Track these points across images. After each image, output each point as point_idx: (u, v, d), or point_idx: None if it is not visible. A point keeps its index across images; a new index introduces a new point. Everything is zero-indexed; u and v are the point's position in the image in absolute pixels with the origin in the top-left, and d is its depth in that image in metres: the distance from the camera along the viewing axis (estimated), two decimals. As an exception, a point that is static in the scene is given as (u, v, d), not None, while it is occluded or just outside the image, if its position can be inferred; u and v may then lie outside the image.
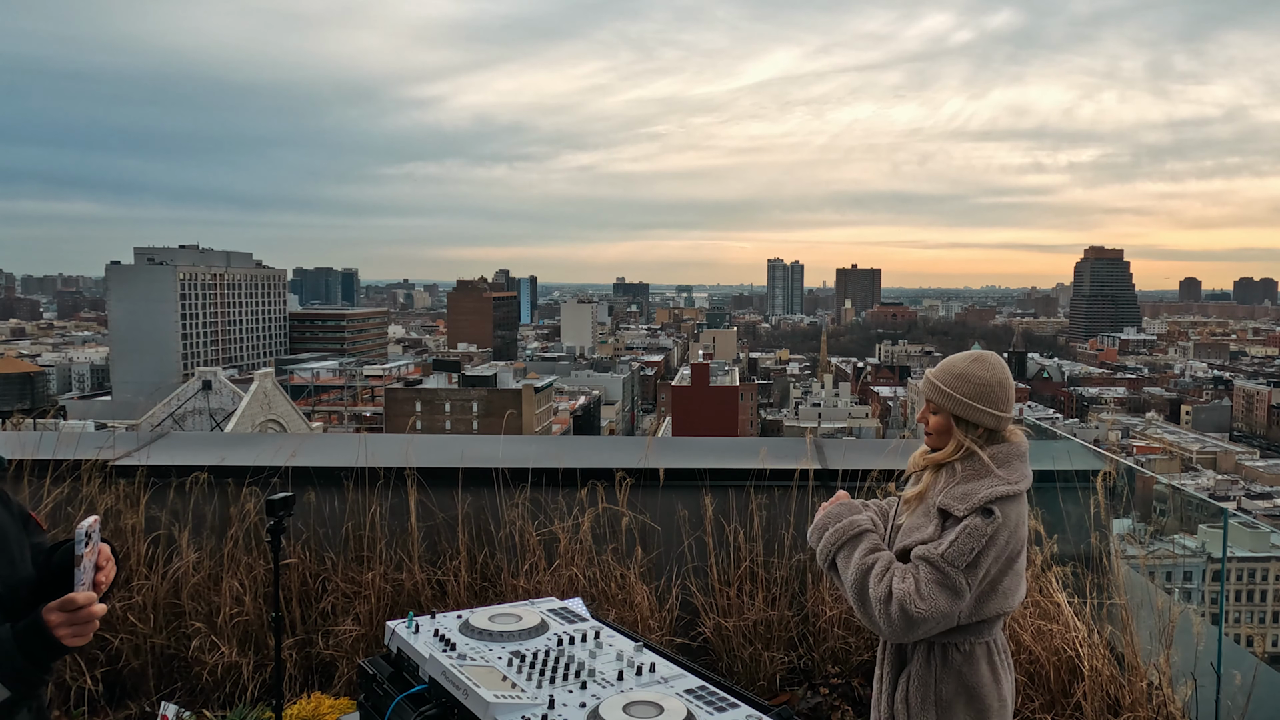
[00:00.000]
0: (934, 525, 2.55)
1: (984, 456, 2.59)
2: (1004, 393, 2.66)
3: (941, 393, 2.67)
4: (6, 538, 2.18)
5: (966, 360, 2.71)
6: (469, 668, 2.55)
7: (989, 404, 2.63)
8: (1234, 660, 4.04)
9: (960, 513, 2.50)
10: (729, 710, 2.40)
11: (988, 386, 2.64)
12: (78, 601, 2.00)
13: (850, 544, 2.63)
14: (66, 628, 2.00)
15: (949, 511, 2.53)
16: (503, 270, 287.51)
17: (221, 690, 4.81)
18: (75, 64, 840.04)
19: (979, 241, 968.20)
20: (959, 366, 2.69)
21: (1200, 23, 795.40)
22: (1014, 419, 2.70)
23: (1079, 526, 4.79)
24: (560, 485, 5.10)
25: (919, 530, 2.58)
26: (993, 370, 2.67)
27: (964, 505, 2.51)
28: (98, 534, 2.10)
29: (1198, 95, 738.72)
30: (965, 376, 2.66)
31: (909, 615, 2.45)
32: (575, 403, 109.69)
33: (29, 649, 1.98)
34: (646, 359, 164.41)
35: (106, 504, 4.98)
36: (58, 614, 2.00)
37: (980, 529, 2.48)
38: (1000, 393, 2.65)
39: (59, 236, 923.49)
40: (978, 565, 2.47)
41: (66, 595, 2.01)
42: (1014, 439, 2.67)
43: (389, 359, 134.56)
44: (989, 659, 2.63)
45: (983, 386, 2.64)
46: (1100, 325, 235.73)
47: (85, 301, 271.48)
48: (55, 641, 1.99)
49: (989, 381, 2.64)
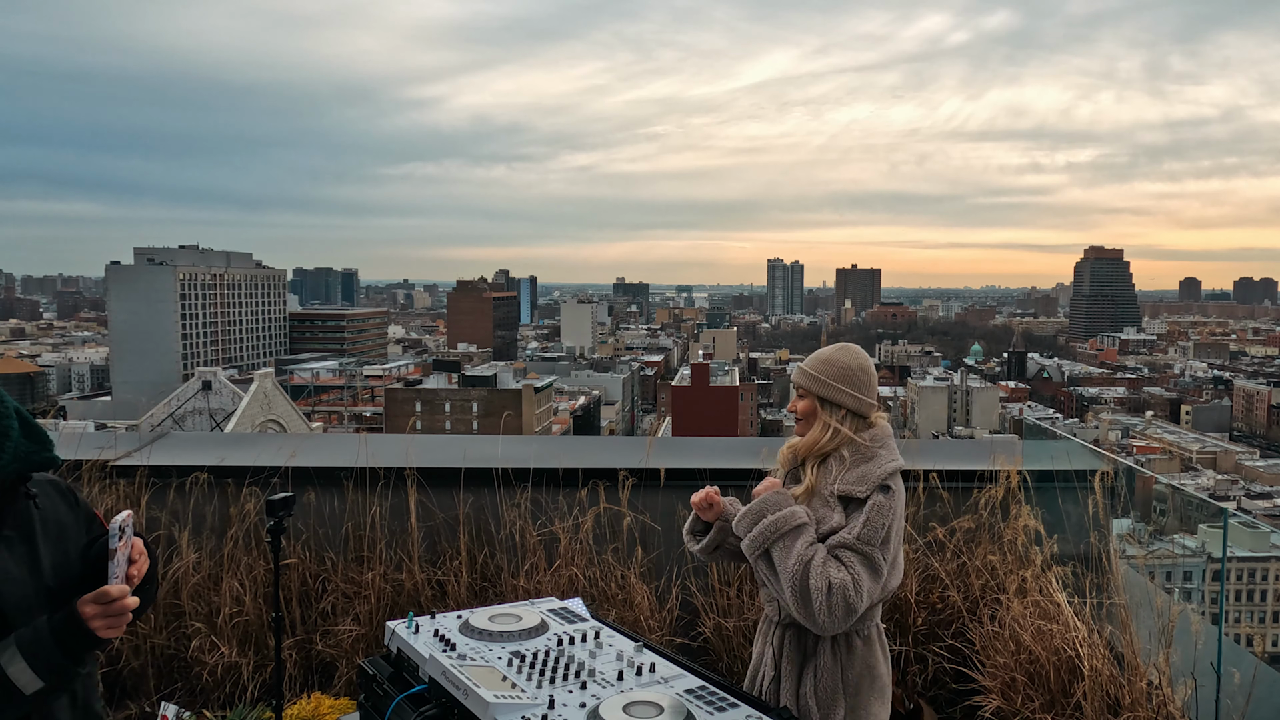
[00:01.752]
0: (838, 512, 2.67)
1: (863, 440, 2.76)
2: (865, 378, 2.83)
3: (807, 376, 2.85)
4: (65, 535, 2.23)
5: (832, 349, 2.90)
6: (469, 668, 2.55)
7: (850, 385, 2.80)
8: (1234, 660, 4.03)
9: (863, 494, 2.65)
10: (729, 710, 2.40)
11: (849, 370, 2.82)
12: (111, 594, 2.05)
13: (790, 535, 2.63)
14: (101, 619, 2.04)
15: (851, 496, 2.66)
16: (503, 270, 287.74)
17: (221, 690, 4.81)
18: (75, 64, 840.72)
19: (978, 241, 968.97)
20: (825, 354, 2.88)
21: (1196, 23, 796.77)
22: (876, 405, 2.87)
23: (1079, 526, 4.80)
24: (561, 485, 5.10)
25: (824, 521, 2.68)
26: (855, 357, 2.86)
27: (864, 487, 2.66)
28: (131, 528, 2.15)
29: (1194, 96, 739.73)
30: (829, 361, 2.84)
31: (850, 604, 2.55)
32: (575, 403, 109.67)
33: (64, 641, 2.02)
34: (646, 359, 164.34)
35: (107, 504, 4.98)
36: (92, 606, 2.04)
37: (885, 505, 2.64)
38: (861, 377, 2.82)
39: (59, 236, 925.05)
40: (889, 541, 2.64)
41: (100, 588, 2.06)
42: (880, 424, 2.84)
43: (389, 359, 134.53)
44: (879, 639, 2.81)
45: (845, 370, 2.82)
46: (1100, 325, 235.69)
47: (85, 301, 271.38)
48: (90, 633, 2.04)
49: (850, 366, 2.83)
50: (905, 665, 4.84)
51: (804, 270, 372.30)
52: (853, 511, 2.65)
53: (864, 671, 2.73)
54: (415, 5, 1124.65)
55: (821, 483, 2.74)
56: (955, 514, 5.05)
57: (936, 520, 5.06)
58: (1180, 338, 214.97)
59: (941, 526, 5.02)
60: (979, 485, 5.07)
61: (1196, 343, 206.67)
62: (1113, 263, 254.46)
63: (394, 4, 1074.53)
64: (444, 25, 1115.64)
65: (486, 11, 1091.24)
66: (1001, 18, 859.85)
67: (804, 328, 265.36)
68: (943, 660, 4.74)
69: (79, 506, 2.33)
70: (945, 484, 5.06)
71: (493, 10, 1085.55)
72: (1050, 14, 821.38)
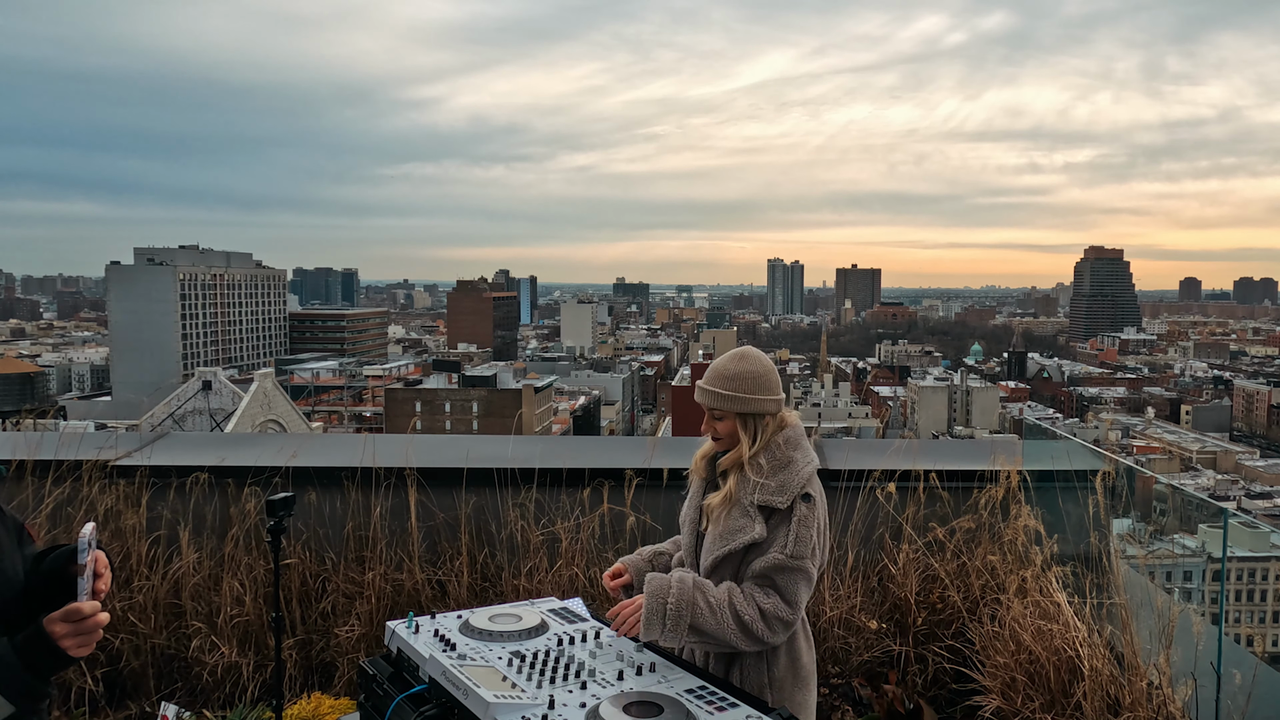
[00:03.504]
0: (759, 523, 2.66)
1: (778, 443, 2.73)
2: (774, 379, 2.80)
3: (723, 398, 2.75)
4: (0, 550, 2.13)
5: (733, 360, 2.81)
6: (469, 668, 2.55)
7: (767, 391, 2.76)
8: (1234, 660, 4.03)
9: (784, 505, 2.64)
10: (729, 710, 2.40)
11: (761, 377, 2.77)
12: (83, 611, 1.95)
13: (697, 597, 2.64)
14: (72, 638, 1.94)
15: (772, 507, 2.65)
16: (503, 270, 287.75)
17: (221, 690, 4.81)
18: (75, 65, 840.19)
19: (978, 241, 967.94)
20: (730, 369, 2.78)
21: (1191, 24, 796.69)
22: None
23: (1079, 526, 4.79)
24: (563, 485, 5.10)
25: (744, 532, 2.67)
26: (760, 362, 2.81)
27: (785, 497, 2.65)
28: (94, 541, 2.06)
29: (1191, 96, 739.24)
30: (740, 375, 2.76)
31: (785, 621, 2.63)
32: (575, 403, 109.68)
33: (32, 661, 1.93)
34: (646, 359, 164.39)
35: (107, 504, 4.98)
36: (62, 624, 1.94)
37: (808, 515, 2.65)
38: (773, 379, 2.79)
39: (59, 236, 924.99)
40: (818, 549, 2.68)
41: (71, 605, 1.95)
42: (791, 421, 2.81)
43: (389, 359, 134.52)
44: (803, 630, 2.84)
45: (755, 378, 2.76)
46: (1100, 325, 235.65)
47: (85, 301, 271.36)
48: (60, 652, 1.94)
49: (760, 373, 2.77)
50: (905, 665, 4.84)
51: (804, 270, 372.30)
52: (774, 522, 2.66)
53: (789, 664, 2.77)
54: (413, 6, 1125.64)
55: (741, 491, 2.71)
56: (955, 514, 5.05)
57: (936, 520, 5.06)
58: (1180, 338, 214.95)
59: (941, 526, 5.02)
60: (979, 485, 5.07)
61: (1196, 343, 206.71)
62: (1113, 263, 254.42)
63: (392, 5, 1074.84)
64: (442, 26, 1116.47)
65: (485, 12, 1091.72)
66: (998, 19, 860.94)
67: (804, 328, 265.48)
68: (943, 660, 4.74)
69: (5, 517, 2.22)
70: (945, 484, 5.07)
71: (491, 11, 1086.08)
72: (1047, 15, 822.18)
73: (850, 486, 5.06)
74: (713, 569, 2.78)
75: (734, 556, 2.72)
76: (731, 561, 2.74)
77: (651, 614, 2.63)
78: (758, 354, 2.85)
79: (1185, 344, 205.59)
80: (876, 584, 5.03)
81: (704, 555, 2.81)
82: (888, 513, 5.07)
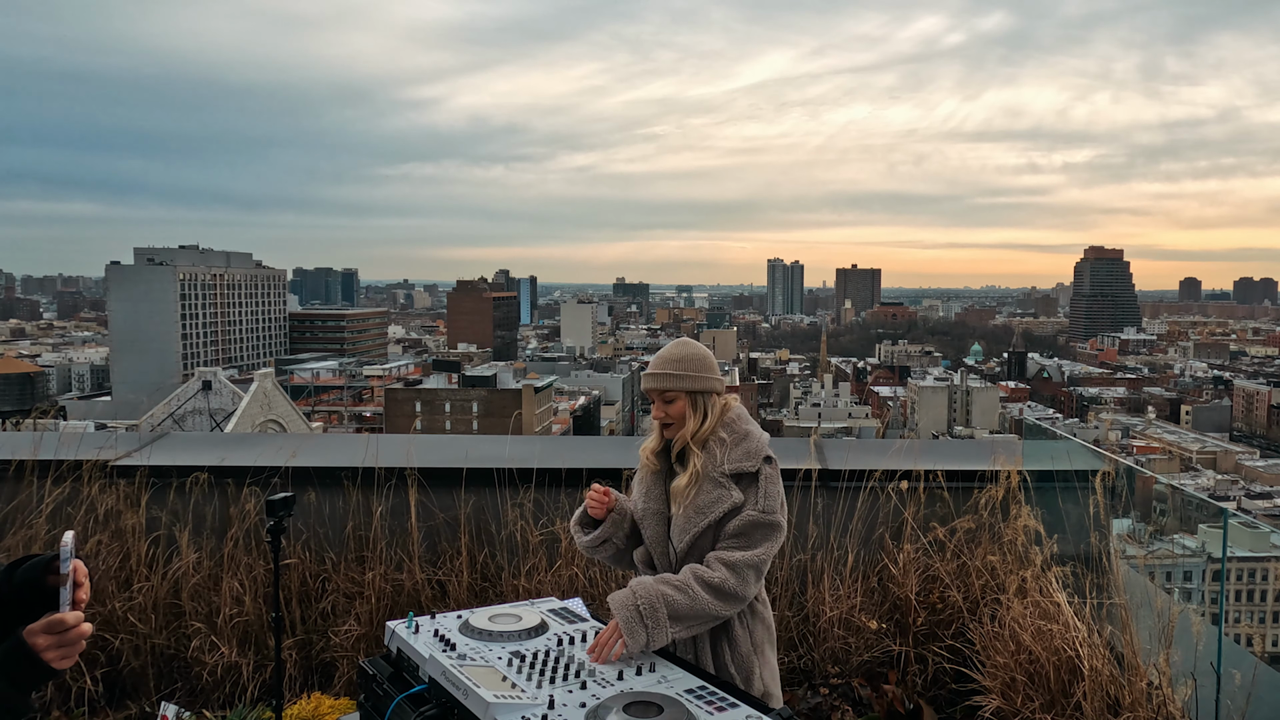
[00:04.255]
0: (735, 490, 2.84)
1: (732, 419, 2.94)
2: (714, 362, 3.01)
3: (674, 378, 2.94)
4: None
5: (676, 347, 3.01)
6: (469, 668, 2.55)
7: (712, 371, 2.97)
8: (1234, 660, 4.03)
9: (754, 468, 2.84)
10: (729, 710, 2.40)
11: (704, 359, 2.98)
12: (67, 622, 1.87)
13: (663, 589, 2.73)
14: (55, 650, 1.86)
15: (743, 471, 2.84)
16: (503, 270, 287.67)
17: (221, 690, 4.81)
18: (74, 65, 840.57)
19: (977, 241, 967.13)
20: (675, 354, 2.98)
21: (1189, 25, 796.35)
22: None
23: (1079, 526, 4.79)
24: (563, 485, 5.10)
25: (721, 501, 2.83)
26: (699, 347, 3.01)
27: (753, 462, 2.86)
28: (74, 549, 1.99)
29: (1190, 96, 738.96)
30: (684, 358, 2.96)
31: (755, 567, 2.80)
32: (575, 403, 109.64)
33: (13, 674, 1.85)
34: (646, 359, 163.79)
35: (107, 504, 4.98)
36: (45, 636, 1.86)
37: (773, 474, 2.87)
38: (713, 362, 3.00)
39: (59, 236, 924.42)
40: (785, 502, 2.90)
41: (54, 615, 1.88)
42: (735, 402, 3.02)
43: (389, 359, 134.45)
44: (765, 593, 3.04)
45: (700, 359, 2.97)
46: (1100, 325, 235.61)
47: (85, 301, 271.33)
48: (43, 665, 1.86)
49: (702, 355, 2.99)
50: (905, 665, 4.84)
51: (804, 270, 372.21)
52: (743, 486, 2.84)
53: (765, 630, 2.98)
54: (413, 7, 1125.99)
55: (708, 466, 2.87)
56: (955, 514, 5.05)
57: (937, 520, 5.06)
58: (1180, 338, 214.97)
59: (942, 526, 5.02)
60: (979, 485, 5.07)
61: (1196, 343, 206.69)
62: (1113, 263, 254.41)
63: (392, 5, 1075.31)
64: (441, 26, 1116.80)
65: (484, 13, 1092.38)
66: (997, 19, 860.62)
67: (804, 328, 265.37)
68: (943, 660, 4.74)
69: None
70: (945, 484, 5.07)
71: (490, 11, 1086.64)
72: (1045, 15, 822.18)
73: (850, 486, 5.06)
74: (689, 548, 2.86)
75: (710, 530, 2.84)
76: (708, 536, 2.85)
77: (628, 621, 2.67)
78: (696, 342, 3.04)
79: (1185, 344, 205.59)
80: (876, 584, 5.03)
81: (677, 537, 2.89)
82: (888, 513, 5.08)
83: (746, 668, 2.88)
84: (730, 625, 2.89)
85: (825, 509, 5.06)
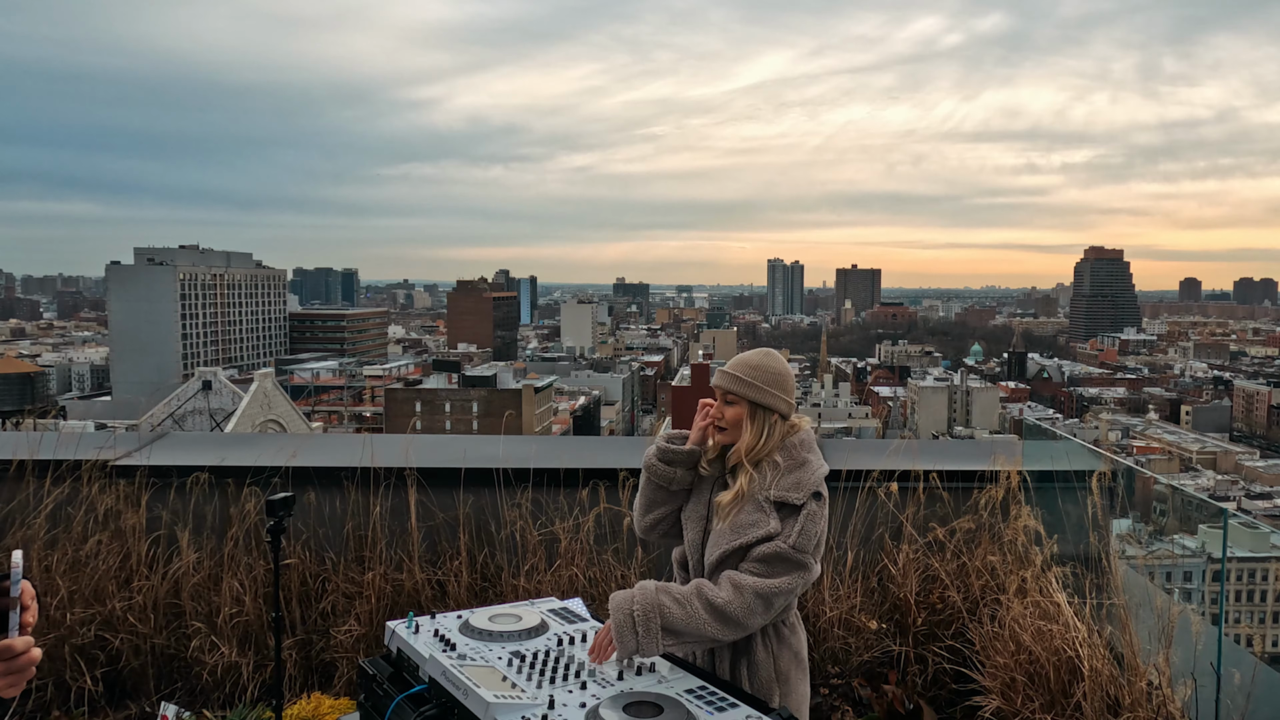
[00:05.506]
0: (774, 518, 2.72)
1: (793, 444, 2.82)
2: (790, 382, 2.90)
3: (742, 383, 2.84)
4: None
5: (759, 355, 2.93)
6: (469, 668, 2.55)
7: (781, 390, 2.86)
8: (1234, 660, 4.04)
9: (799, 501, 2.72)
10: (729, 710, 2.40)
11: (781, 375, 2.88)
12: (15, 648, 1.70)
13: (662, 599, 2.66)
14: (4, 678, 1.70)
15: (787, 502, 2.72)
16: (503, 270, 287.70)
17: (221, 690, 4.81)
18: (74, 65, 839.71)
19: (977, 242, 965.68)
20: (753, 360, 2.90)
21: (1187, 25, 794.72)
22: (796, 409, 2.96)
23: (1078, 526, 4.80)
24: (562, 485, 5.10)
25: (757, 526, 2.72)
26: (780, 362, 2.92)
27: (800, 494, 2.73)
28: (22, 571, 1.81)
29: (1188, 97, 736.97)
30: (761, 367, 2.87)
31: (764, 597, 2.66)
32: (575, 403, 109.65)
33: None
34: (646, 359, 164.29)
35: (107, 504, 4.98)
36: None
37: (818, 513, 2.74)
38: (789, 381, 2.90)
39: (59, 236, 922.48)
40: (820, 545, 2.76)
41: (2, 642, 1.72)
42: (804, 426, 2.91)
43: (389, 359, 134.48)
44: (801, 623, 2.95)
45: (777, 375, 2.87)
46: (1100, 325, 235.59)
47: (85, 301, 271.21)
48: None
49: (781, 371, 2.89)
50: (905, 665, 4.84)
51: (804, 270, 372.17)
52: (783, 516, 2.72)
53: (791, 657, 2.85)
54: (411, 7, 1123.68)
55: (755, 488, 2.77)
56: (955, 514, 5.05)
57: (936, 520, 5.06)
58: (1180, 338, 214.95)
59: (941, 527, 5.03)
60: (979, 485, 5.07)
61: (1196, 343, 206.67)
62: (1113, 263, 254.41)
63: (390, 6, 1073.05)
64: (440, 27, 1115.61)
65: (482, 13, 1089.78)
66: (994, 20, 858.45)
67: (804, 328, 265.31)
68: (943, 660, 4.74)
69: None
70: (945, 484, 5.07)
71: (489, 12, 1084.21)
72: (1043, 16, 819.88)
73: (850, 486, 5.06)
74: (718, 564, 2.78)
75: (740, 552, 2.74)
76: (737, 557, 2.75)
77: (620, 626, 2.61)
78: (781, 357, 2.96)
79: (1185, 344, 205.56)
80: (876, 584, 5.04)
81: (709, 550, 2.82)
82: (888, 513, 5.08)
83: (766, 694, 2.77)
84: (753, 647, 2.80)
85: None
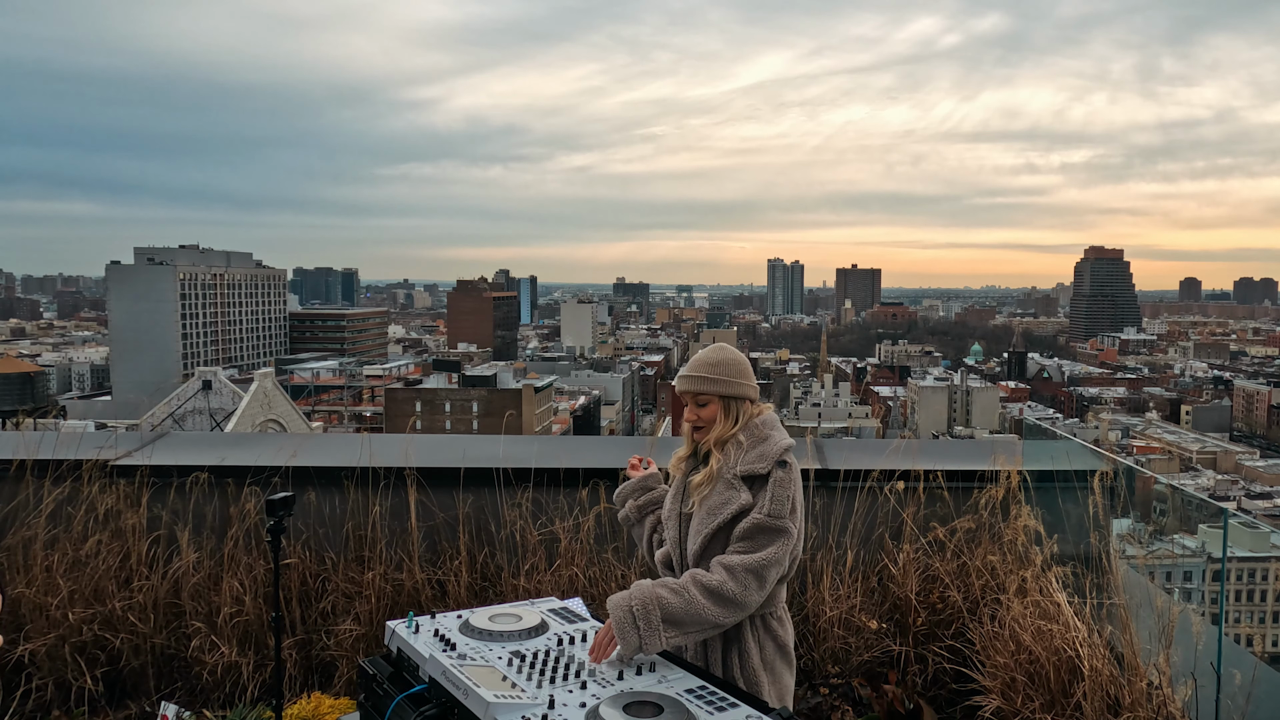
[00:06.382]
0: (745, 492, 2.83)
1: (756, 424, 2.94)
2: (748, 368, 3.04)
3: (708, 381, 2.96)
4: None
5: (714, 352, 3.03)
6: (469, 668, 2.55)
7: (746, 378, 3.00)
8: (1234, 660, 4.04)
9: (765, 470, 2.83)
10: (729, 710, 2.40)
11: (740, 364, 3.01)
12: None
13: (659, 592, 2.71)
14: None
15: (754, 474, 2.83)
16: (503, 270, 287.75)
17: (221, 690, 4.81)
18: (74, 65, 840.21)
19: (976, 242, 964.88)
20: (711, 358, 3.01)
21: (1185, 26, 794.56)
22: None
23: (1078, 526, 4.79)
24: (562, 485, 5.10)
25: (730, 503, 2.83)
26: (736, 353, 3.04)
27: (765, 464, 2.84)
28: None
29: (1186, 97, 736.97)
30: (721, 362, 2.99)
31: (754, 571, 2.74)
32: (575, 403, 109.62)
33: None
34: (646, 359, 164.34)
35: (107, 504, 4.98)
36: None
37: (785, 478, 2.83)
38: (747, 368, 3.03)
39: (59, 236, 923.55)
40: (795, 508, 2.85)
41: None
42: (767, 409, 3.03)
43: (389, 359, 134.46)
44: (789, 618, 3.03)
45: (736, 365, 2.99)
46: (1100, 325, 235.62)
47: (85, 301, 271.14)
48: None
49: (739, 360, 3.02)
50: (905, 665, 4.84)
51: (804, 270, 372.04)
52: (755, 489, 2.83)
53: (778, 648, 2.94)
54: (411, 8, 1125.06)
55: (723, 467, 2.89)
56: (955, 514, 5.05)
57: (937, 520, 5.06)
58: (1180, 338, 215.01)
59: (942, 526, 5.02)
60: (979, 485, 5.07)
61: (1196, 343, 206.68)
62: (1113, 263, 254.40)
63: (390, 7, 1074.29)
64: (439, 27, 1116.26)
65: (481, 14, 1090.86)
66: (993, 20, 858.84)
67: (804, 328, 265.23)
68: (943, 660, 4.74)
69: None
70: (945, 484, 5.07)
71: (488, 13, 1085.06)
72: (1041, 16, 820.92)
73: (850, 486, 5.06)
74: (702, 551, 2.86)
75: (723, 532, 2.83)
76: (720, 539, 2.84)
77: (621, 623, 2.65)
78: (733, 348, 3.05)
79: (1185, 344, 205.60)
80: (876, 584, 5.03)
81: (691, 539, 2.90)
82: (888, 513, 5.08)
83: (754, 681, 2.85)
84: (743, 636, 2.87)
85: (824, 509, 5.06)
